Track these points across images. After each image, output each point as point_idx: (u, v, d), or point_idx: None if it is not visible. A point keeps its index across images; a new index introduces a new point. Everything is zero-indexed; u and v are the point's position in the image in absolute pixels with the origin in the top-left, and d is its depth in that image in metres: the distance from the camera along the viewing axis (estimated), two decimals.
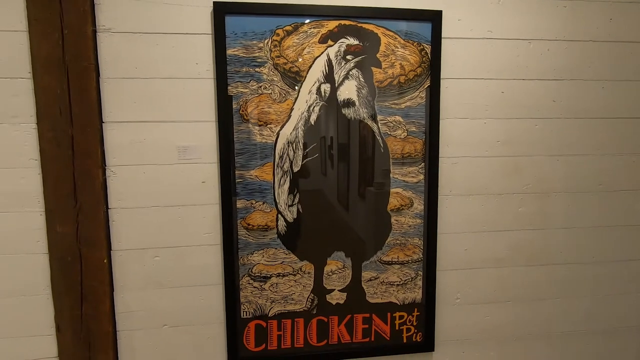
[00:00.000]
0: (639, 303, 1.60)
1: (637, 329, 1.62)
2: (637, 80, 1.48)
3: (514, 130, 1.44)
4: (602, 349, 1.60)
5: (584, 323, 1.58)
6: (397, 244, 1.42)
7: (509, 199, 1.47)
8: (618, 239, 1.55)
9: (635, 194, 1.53)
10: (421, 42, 1.35)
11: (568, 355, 1.59)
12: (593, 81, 1.45)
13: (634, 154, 1.51)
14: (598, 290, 1.57)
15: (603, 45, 1.44)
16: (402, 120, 1.37)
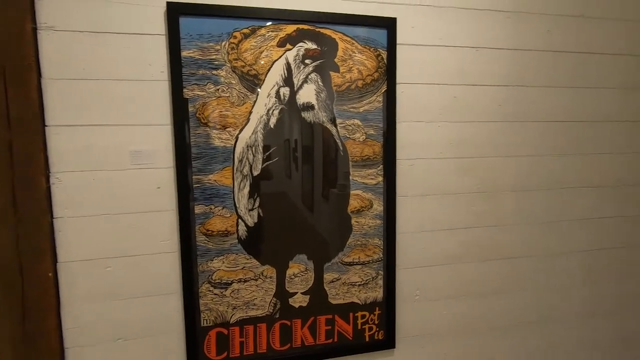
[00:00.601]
0: (583, 293, 1.73)
1: (583, 316, 1.75)
2: (572, 87, 1.61)
3: (466, 133, 1.52)
4: (551, 337, 1.72)
5: (534, 313, 1.69)
6: (358, 244, 1.45)
7: (463, 199, 1.54)
8: (562, 233, 1.68)
9: (575, 191, 1.67)
10: (377, 48, 1.39)
11: (520, 345, 1.69)
12: (533, 87, 1.56)
13: (572, 154, 1.64)
14: (546, 281, 1.68)
15: (542, 54, 1.56)
16: (360, 124, 1.40)
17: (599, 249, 1.73)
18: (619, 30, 1.64)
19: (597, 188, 1.69)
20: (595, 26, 1.61)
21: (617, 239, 1.75)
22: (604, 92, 1.65)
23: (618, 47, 1.65)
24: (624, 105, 1.69)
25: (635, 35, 1.66)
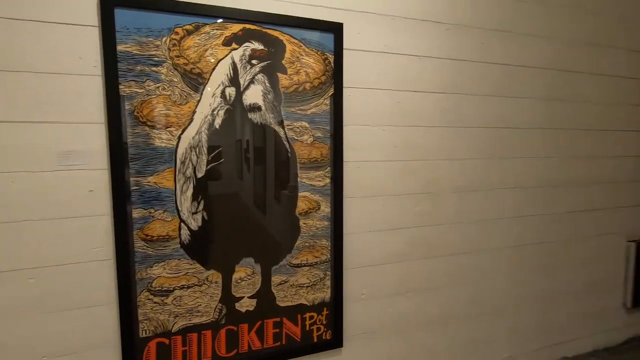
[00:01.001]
0: (511, 285, 1.89)
1: (510, 307, 1.91)
2: (503, 96, 1.75)
3: (409, 136, 1.59)
4: (484, 328, 1.85)
5: (469, 306, 1.81)
6: (306, 246, 1.45)
7: (407, 199, 1.61)
8: (493, 231, 1.82)
9: (506, 192, 1.81)
10: (325, 52, 1.41)
11: (458, 336, 1.80)
12: (470, 95, 1.68)
13: (502, 158, 1.79)
14: (480, 276, 1.81)
15: (477, 65, 1.68)
16: (308, 126, 1.41)
17: (523, 245, 1.89)
18: (544, 46, 1.81)
19: (523, 189, 1.85)
20: (523, 41, 1.77)
21: (539, 235, 1.93)
22: (529, 102, 1.82)
23: (542, 62, 1.82)
24: (546, 114, 1.87)
25: (557, 51, 1.85)
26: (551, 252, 1.98)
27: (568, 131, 1.94)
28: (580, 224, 2.05)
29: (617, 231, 2.19)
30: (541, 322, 2.01)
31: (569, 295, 2.07)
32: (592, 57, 1.96)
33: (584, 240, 2.08)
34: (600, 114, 2.02)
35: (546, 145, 1.89)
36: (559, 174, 1.95)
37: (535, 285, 1.96)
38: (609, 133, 2.07)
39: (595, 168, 2.05)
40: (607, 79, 2.02)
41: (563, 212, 1.98)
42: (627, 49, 2.06)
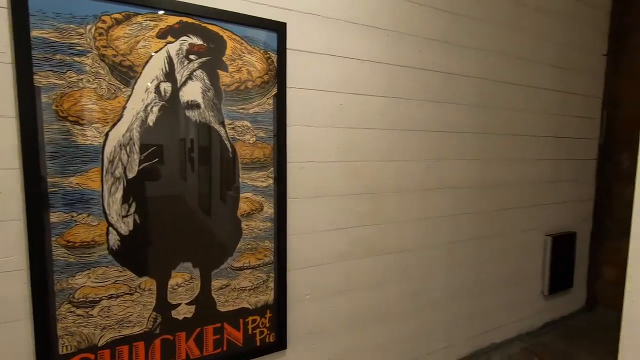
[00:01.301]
0: (446, 279, 2.01)
1: (446, 299, 2.03)
2: (439, 102, 1.86)
3: (352, 138, 1.63)
4: (422, 320, 1.95)
5: (409, 300, 1.89)
6: (248, 248, 1.42)
7: (349, 200, 1.64)
8: (432, 229, 1.92)
9: (442, 192, 1.92)
10: (268, 51, 1.39)
11: (400, 329, 1.87)
12: (409, 100, 1.76)
13: (438, 160, 1.89)
14: (418, 271, 1.90)
15: (415, 71, 1.76)
16: (250, 126, 1.38)
17: (457, 241, 2.03)
18: (476, 58, 1.95)
19: (457, 189, 1.98)
20: (458, 52, 1.89)
21: (470, 232, 2.08)
22: (463, 108, 1.95)
23: (474, 71, 1.96)
24: (478, 120, 2.02)
25: (488, 63, 2.00)
26: (481, 247, 2.14)
27: (496, 136, 2.12)
28: (506, 221, 2.24)
29: (537, 227, 2.43)
30: (473, 312, 2.17)
31: (496, 286, 2.26)
32: (518, 70, 2.15)
33: (509, 235, 2.27)
34: (523, 121, 2.23)
35: (478, 149, 2.04)
36: (488, 175, 2.11)
37: (467, 278, 2.11)
38: (530, 138, 2.28)
39: (519, 170, 2.26)
40: (530, 90, 2.23)
41: (491, 210, 2.15)
42: (548, 65, 2.30)
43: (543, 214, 2.44)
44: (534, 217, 2.39)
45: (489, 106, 2.05)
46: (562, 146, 2.47)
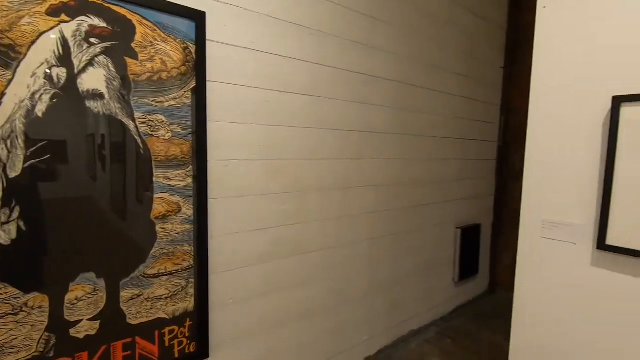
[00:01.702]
0: (367, 274, 2.10)
1: (366, 293, 2.12)
2: (360, 103, 1.93)
3: (276, 136, 1.60)
4: (345, 315, 2.01)
5: (332, 297, 1.93)
6: (164, 253, 1.31)
7: (273, 199, 1.62)
8: (354, 225, 1.98)
9: (363, 190, 2.00)
10: (185, 40, 1.29)
11: (326, 327, 1.90)
12: (332, 99, 1.79)
13: (359, 159, 1.97)
14: (340, 268, 1.95)
15: (337, 71, 1.80)
16: (165, 120, 1.27)
17: (377, 237, 2.13)
18: (392, 61, 2.07)
19: (377, 187, 2.08)
20: (378, 55, 1.98)
21: (389, 227, 2.20)
22: (383, 109, 2.05)
23: (392, 74, 2.08)
24: (396, 121, 2.14)
25: (405, 68, 2.13)
26: (399, 241, 2.28)
27: (413, 137, 2.27)
28: (421, 216, 2.42)
29: (448, 220, 2.67)
30: (392, 303, 2.30)
31: (413, 277, 2.42)
32: (430, 76, 2.33)
33: (424, 229, 2.46)
34: (436, 124, 2.43)
35: (396, 149, 2.17)
36: (406, 174, 2.26)
37: (387, 271, 2.23)
38: (442, 140, 2.50)
39: (432, 169, 2.46)
40: (441, 95, 2.44)
41: (408, 206, 2.31)
42: (456, 73, 2.53)
43: (453, 209, 2.69)
44: (445, 212, 2.62)
45: (406, 109, 2.19)
46: (468, 147, 2.75)
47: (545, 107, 1.08)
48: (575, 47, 1.02)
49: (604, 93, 0.96)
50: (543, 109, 1.09)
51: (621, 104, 0.90)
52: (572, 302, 1.05)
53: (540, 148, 1.10)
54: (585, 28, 0.99)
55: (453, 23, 2.46)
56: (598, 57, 0.97)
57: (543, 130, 1.09)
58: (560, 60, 1.05)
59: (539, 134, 1.11)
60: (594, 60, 0.98)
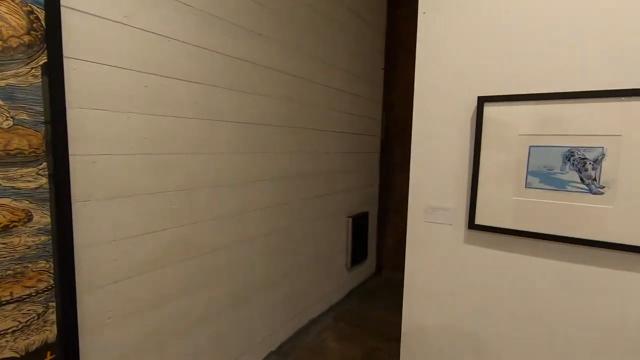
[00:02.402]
0: (265, 269, 2.06)
1: (267, 287, 2.08)
2: (256, 94, 1.85)
3: (161, 127, 1.41)
4: (245, 314, 1.94)
5: (231, 297, 1.83)
6: (8, 275, 1.02)
7: (160, 198, 1.43)
8: (247, 222, 1.91)
9: (258, 184, 1.94)
10: (29, 3, 1.02)
11: (225, 330, 1.79)
12: (223, 89, 1.67)
13: (256, 153, 1.90)
14: (239, 266, 1.86)
15: (229, 60, 1.69)
16: (2, 104, 0.98)
17: (273, 231, 2.11)
18: (283, 53, 2.04)
19: (271, 181, 2.05)
20: (269, 46, 1.92)
21: (285, 220, 2.20)
22: (276, 101, 2.01)
23: (283, 66, 2.05)
24: (288, 114, 2.13)
25: (293, 59, 2.13)
26: (295, 233, 2.30)
27: (306, 130, 2.30)
28: (316, 207, 2.49)
29: (340, 210, 2.81)
30: (291, 296, 2.31)
31: (309, 267, 2.49)
32: (319, 71, 2.39)
33: (319, 220, 2.54)
34: (326, 118, 2.51)
35: (288, 142, 2.16)
36: (300, 166, 2.28)
37: (284, 265, 2.22)
38: (332, 133, 2.60)
39: (325, 161, 2.54)
40: (329, 90, 2.52)
41: (304, 198, 2.34)
42: (343, 70, 2.65)
43: (344, 199, 2.85)
44: (338, 202, 2.76)
45: (297, 101, 2.20)
46: (355, 141, 2.94)
47: (426, 105, 1.21)
48: (449, 52, 1.15)
49: (471, 94, 1.11)
50: (424, 107, 1.21)
51: (484, 104, 1.07)
52: (452, 275, 1.20)
53: (423, 142, 1.23)
54: (458, 34, 1.13)
55: (339, 22, 2.57)
56: (467, 61, 1.12)
57: (425, 126, 1.22)
58: (437, 63, 1.18)
59: (421, 130, 1.23)
60: (463, 64, 1.13)
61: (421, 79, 1.22)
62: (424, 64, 1.21)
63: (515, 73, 1.05)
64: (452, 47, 1.15)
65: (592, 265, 0.98)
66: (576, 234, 0.97)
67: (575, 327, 1.02)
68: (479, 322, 1.16)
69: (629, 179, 0.90)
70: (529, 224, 1.03)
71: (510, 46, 1.05)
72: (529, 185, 1.02)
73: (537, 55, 1.02)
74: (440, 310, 1.24)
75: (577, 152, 0.95)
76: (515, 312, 1.10)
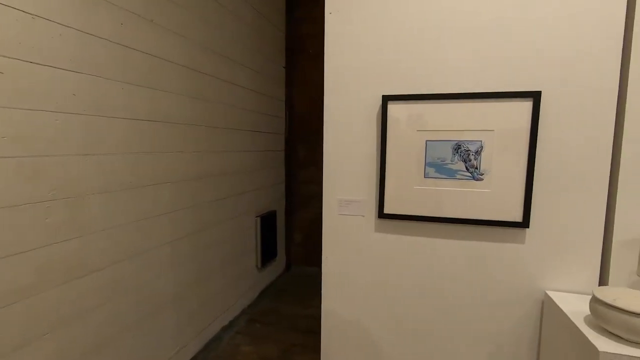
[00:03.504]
0: (174, 278, 1.88)
1: (174, 296, 1.90)
2: (147, 87, 1.66)
3: (29, 124, 1.16)
4: (155, 329, 1.74)
5: (133, 315, 1.62)
6: None
7: (30, 211, 1.17)
8: (152, 229, 1.72)
9: (159, 188, 1.75)
10: None
11: (123, 354, 1.57)
12: (110, 80, 1.46)
13: (155, 153, 1.71)
14: (144, 278, 1.66)
15: (115, 46, 1.48)
16: None
17: (180, 237, 1.94)
18: (180, 44, 1.88)
19: (174, 183, 1.88)
20: (163, 34, 1.75)
21: (192, 225, 2.05)
22: (174, 96, 1.85)
23: (181, 59, 1.89)
24: (192, 111, 1.98)
25: (192, 52, 1.98)
26: (203, 237, 2.16)
27: (209, 128, 2.17)
28: (223, 209, 2.37)
29: (248, 210, 2.74)
30: (201, 305, 2.17)
31: (219, 272, 2.37)
32: (222, 66, 2.28)
33: (227, 222, 2.43)
34: (228, 115, 2.41)
35: (191, 140, 2.01)
36: (204, 167, 2.14)
37: (192, 272, 2.07)
38: (237, 132, 2.51)
39: (231, 161, 2.44)
40: (234, 87, 2.43)
41: (210, 200, 2.21)
42: (246, 67, 2.58)
43: (252, 198, 2.79)
44: (245, 202, 2.68)
45: (199, 98, 2.06)
46: (262, 139, 2.89)
47: (336, 104, 1.25)
48: (355, 52, 1.22)
49: (376, 92, 1.20)
50: (334, 106, 1.25)
51: (388, 102, 1.16)
52: (366, 264, 1.28)
53: (334, 139, 1.27)
54: (363, 35, 1.20)
55: (240, 16, 2.49)
56: (372, 61, 1.20)
57: (335, 124, 1.26)
58: (345, 63, 1.23)
59: (332, 127, 1.27)
60: (368, 64, 1.20)
61: (330, 78, 1.26)
62: (333, 63, 1.25)
63: (412, 74, 1.17)
64: (357, 48, 1.22)
65: (479, 241, 1.16)
66: (465, 215, 1.14)
67: (472, 295, 1.20)
68: (394, 305, 1.27)
69: (498, 166, 1.09)
70: (429, 210, 1.17)
71: (407, 48, 1.17)
72: (427, 175, 1.16)
73: (428, 59, 1.15)
74: (358, 298, 1.31)
75: (463, 145, 1.11)
76: (424, 290, 1.23)
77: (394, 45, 1.18)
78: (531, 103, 1.05)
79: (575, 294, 1.10)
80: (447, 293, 1.22)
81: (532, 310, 1.15)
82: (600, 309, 0.84)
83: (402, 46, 1.18)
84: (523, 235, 1.13)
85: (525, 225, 1.10)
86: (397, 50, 1.18)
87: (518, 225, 1.10)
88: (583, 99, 1.05)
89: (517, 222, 1.10)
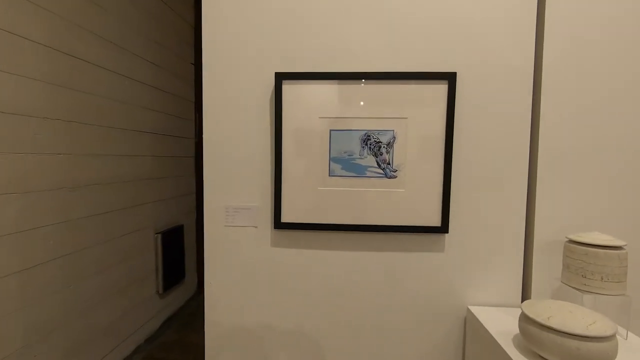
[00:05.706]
0: (24, 316, 1.41)
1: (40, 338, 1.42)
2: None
3: None
4: None
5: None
6: None
7: None
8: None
9: (4, 199, 1.30)
10: None
11: None
12: None
13: (8, 153, 1.26)
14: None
15: None
16: None
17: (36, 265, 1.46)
18: (46, 20, 1.46)
19: (30, 194, 1.42)
20: (21, 5, 1.32)
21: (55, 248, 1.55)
22: (35, 84, 1.41)
23: (45, 39, 1.47)
24: (56, 103, 1.54)
25: (62, 31, 1.56)
26: (81, 261, 1.70)
27: (88, 126, 1.74)
28: (109, 225, 1.93)
29: (146, 225, 2.31)
30: (76, 345, 1.69)
31: (105, 302, 1.89)
32: (106, 53, 1.86)
33: (114, 241, 1.98)
34: (119, 113, 1.99)
35: (63, 141, 1.57)
36: (80, 174, 1.70)
37: (62, 305, 1.59)
38: (130, 132, 2.09)
39: (119, 167, 2.01)
40: (125, 80, 2.02)
41: (87, 216, 1.76)
42: (144, 59, 2.18)
43: (150, 212, 2.35)
44: (140, 217, 2.24)
45: (72, 88, 1.64)
46: (163, 143, 2.49)
47: (219, 89, 0.99)
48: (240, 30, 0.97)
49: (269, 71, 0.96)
50: (215, 97, 0.99)
51: (282, 81, 0.93)
52: (260, 283, 1.01)
53: (216, 134, 1.00)
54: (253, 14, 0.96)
55: (144, 6, 2.10)
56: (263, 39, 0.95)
57: (218, 114, 0.99)
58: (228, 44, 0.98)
59: (214, 119, 1.00)
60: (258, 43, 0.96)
61: (210, 63, 1.00)
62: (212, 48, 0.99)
63: (311, 50, 0.96)
64: (244, 25, 0.97)
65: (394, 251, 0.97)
66: (379, 221, 0.94)
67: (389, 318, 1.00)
68: (299, 340, 1.02)
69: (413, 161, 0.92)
70: (336, 216, 0.95)
71: (304, 21, 0.95)
72: (332, 173, 0.94)
73: (327, 34, 0.95)
74: (247, 321, 1.04)
75: (373, 135, 0.92)
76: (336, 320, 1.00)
77: (287, 17, 0.96)
78: (446, 86, 0.90)
79: (501, 307, 0.96)
80: (362, 319, 1.01)
81: (454, 328, 0.99)
82: (532, 329, 0.69)
83: (297, 18, 0.96)
84: (442, 242, 0.97)
85: (445, 231, 0.94)
86: (292, 24, 0.96)
87: (436, 231, 0.94)
88: (500, 82, 0.93)
89: (436, 227, 0.94)
